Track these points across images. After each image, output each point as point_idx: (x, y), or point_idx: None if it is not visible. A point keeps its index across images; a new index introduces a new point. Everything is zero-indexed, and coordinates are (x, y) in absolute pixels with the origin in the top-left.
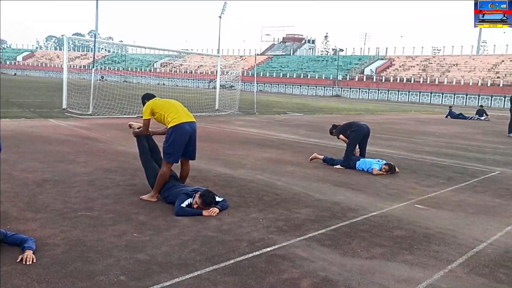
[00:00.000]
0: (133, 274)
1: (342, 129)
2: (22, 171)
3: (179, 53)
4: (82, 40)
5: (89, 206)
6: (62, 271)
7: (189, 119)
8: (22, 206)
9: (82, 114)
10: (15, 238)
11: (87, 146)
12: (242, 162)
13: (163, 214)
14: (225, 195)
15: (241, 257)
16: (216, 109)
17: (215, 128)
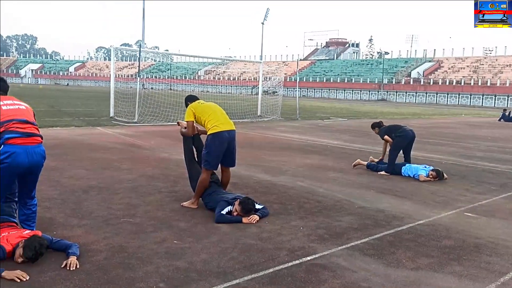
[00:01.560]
0: (172, 281)
1: (388, 130)
2: (70, 178)
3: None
4: (129, 50)
5: (132, 212)
6: (103, 277)
7: (229, 127)
8: (68, 212)
9: (128, 122)
10: (60, 244)
11: (132, 153)
12: (283, 169)
13: (203, 221)
14: (265, 202)
15: (280, 266)
16: (258, 115)
17: (257, 134)
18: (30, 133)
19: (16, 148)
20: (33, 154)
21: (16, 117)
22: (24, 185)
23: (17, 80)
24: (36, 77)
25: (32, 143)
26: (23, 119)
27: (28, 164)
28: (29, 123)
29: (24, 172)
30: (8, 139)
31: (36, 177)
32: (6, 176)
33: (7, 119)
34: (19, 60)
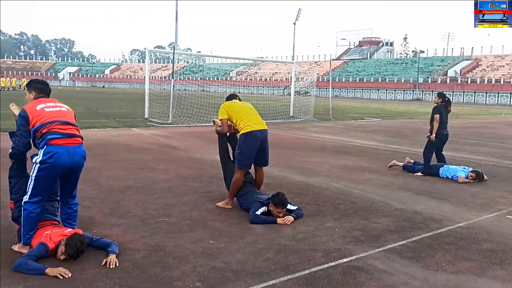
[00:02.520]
0: (209, 281)
1: (440, 112)
2: (108, 178)
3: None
4: (163, 53)
5: (168, 212)
6: (142, 276)
7: (261, 127)
8: (106, 211)
9: (163, 123)
10: (100, 242)
11: (166, 154)
12: (317, 170)
13: (238, 222)
14: (299, 203)
15: (316, 267)
16: (291, 116)
17: (289, 135)
18: (71, 134)
19: (58, 149)
20: (74, 154)
21: (58, 118)
22: (65, 185)
23: (56, 83)
24: (73, 79)
25: (73, 143)
26: (65, 121)
27: (70, 164)
28: (70, 125)
29: (66, 172)
30: (51, 139)
31: (77, 177)
32: (49, 176)
33: (49, 121)
34: (58, 63)
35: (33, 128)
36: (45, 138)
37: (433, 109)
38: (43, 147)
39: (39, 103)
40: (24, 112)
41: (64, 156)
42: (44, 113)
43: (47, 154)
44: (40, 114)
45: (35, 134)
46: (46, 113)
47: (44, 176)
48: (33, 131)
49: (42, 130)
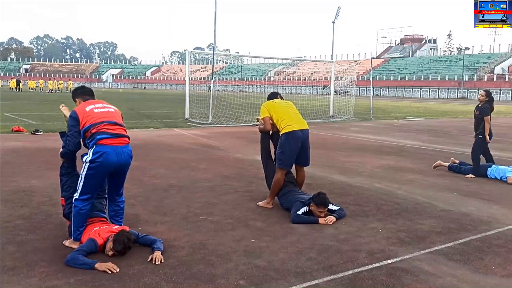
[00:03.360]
0: (252, 279)
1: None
2: (151, 177)
3: (292, 61)
4: (202, 54)
5: (210, 211)
6: (186, 273)
7: (302, 126)
8: (151, 209)
9: (203, 123)
10: (146, 239)
11: (207, 153)
12: (359, 170)
13: (279, 221)
14: (341, 203)
15: (360, 268)
16: (330, 116)
17: (329, 135)
18: (119, 134)
19: (107, 148)
20: (122, 153)
21: (106, 119)
22: (113, 183)
23: (99, 85)
24: (116, 81)
25: (121, 143)
26: (113, 121)
27: (117, 163)
28: (118, 125)
29: (114, 170)
30: (100, 139)
31: (124, 175)
32: (98, 175)
33: (98, 121)
34: (101, 66)
35: (83, 129)
36: (94, 138)
37: (483, 110)
38: (93, 147)
39: (88, 104)
40: (74, 114)
41: (112, 155)
42: (93, 114)
43: (96, 154)
44: (89, 115)
45: (85, 134)
46: (95, 113)
47: (94, 175)
48: (83, 131)
49: (92, 130)
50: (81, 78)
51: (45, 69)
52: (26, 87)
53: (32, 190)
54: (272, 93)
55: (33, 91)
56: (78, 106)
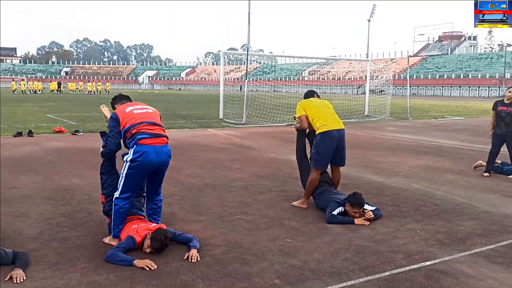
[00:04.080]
0: (287, 278)
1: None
2: (187, 177)
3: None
4: (236, 54)
5: (245, 210)
6: (222, 271)
7: (338, 126)
8: (187, 208)
9: (236, 123)
10: (182, 237)
11: (241, 153)
12: (395, 170)
13: (314, 221)
14: (377, 203)
15: (397, 269)
16: (366, 115)
17: (365, 135)
18: (158, 134)
19: (147, 148)
20: (161, 153)
21: (145, 119)
22: (152, 182)
23: (136, 86)
24: (152, 83)
25: (160, 143)
26: (152, 121)
27: (157, 162)
28: (156, 125)
29: (154, 169)
30: (140, 139)
31: (162, 174)
32: (138, 173)
33: (138, 122)
34: (138, 68)
35: (124, 129)
36: (134, 138)
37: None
38: (133, 147)
39: (128, 106)
40: (115, 115)
41: (152, 154)
42: (133, 115)
43: (136, 153)
44: (129, 116)
45: (125, 134)
46: (135, 114)
47: (134, 174)
48: (124, 132)
49: (132, 131)
50: (118, 80)
51: (84, 72)
52: (66, 89)
53: (73, 189)
54: (308, 91)
55: (73, 93)
56: (118, 108)
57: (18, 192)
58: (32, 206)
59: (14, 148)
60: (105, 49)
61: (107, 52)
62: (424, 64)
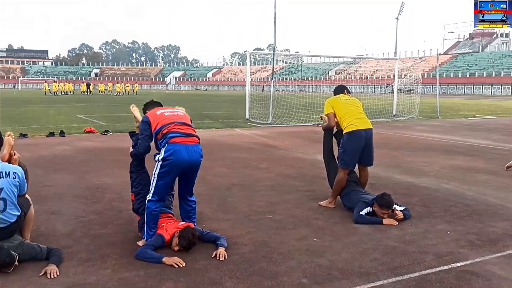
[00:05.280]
0: (315, 278)
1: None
2: (214, 176)
3: (353, 59)
4: (262, 54)
5: (272, 210)
6: (250, 269)
7: (365, 126)
8: (214, 207)
9: (263, 123)
10: (210, 236)
11: (268, 153)
12: (425, 170)
13: (342, 221)
14: (406, 204)
15: (427, 270)
16: (394, 115)
17: (393, 134)
18: (189, 133)
19: (178, 146)
20: (193, 152)
21: (176, 120)
22: (184, 183)
23: (163, 87)
24: (179, 83)
25: (191, 142)
26: (182, 122)
27: (189, 160)
28: (187, 125)
29: (185, 168)
30: (171, 138)
31: (195, 174)
32: (171, 172)
33: (169, 122)
34: (165, 68)
35: (155, 130)
36: (166, 137)
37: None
38: (165, 146)
39: (158, 109)
40: (146, 118)
41: (184, 153)
42: (164, 117)
43: (168, 151)
44: (160, 117)
45: (156, 136)
46: (166, 116)
47: (166, 173)
48: (155, 133)
49: (163, 131)
50: (146, 81)
51: (113, 73)
52: (96, 90)
53: (104, 187)
54: (338, 86)
55: (102, 94)
56: (149, 112)
57: (52, 190)
58: (64, 204)
59: (47, 148)
60: (133, 50)
61: (135, 54)
62: (454, 62)
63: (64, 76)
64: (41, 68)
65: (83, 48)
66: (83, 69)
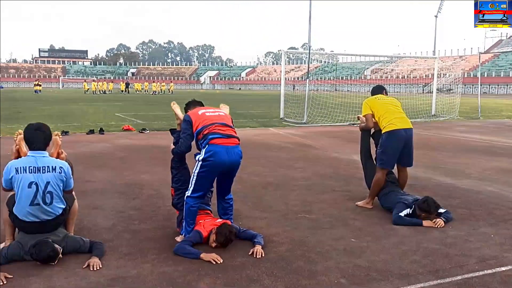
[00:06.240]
0: (353, 278)
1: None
2: (250, 174)
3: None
4: (297, 53)
5: (308, 209)
6: (287, 268)
7: (405, 125)
8: (250, 205)
9: (297, 123)
10: (247, 234)
11: (303, 152)
12: (466, 171)
13: (380, 222)
14: (447, 206)
15: (470, 274)
16: (433, 115)
17: (432, 135)
18: (230, 134)
19: (219, 148)
20: (232, 153)
21: (217, 121)
22: (223, 182)
23: (198, 87)
24: (213, 83)
25: (231, 143)
26: (223, 123)
27: (228, 162)
28: (228, 126)
29: (225, 169)
30: (212, 139)
31: (234, 175)
32: (210, 173)
33: (210, 123)
34: (200, 68)
35: (196, 131)
36: (206, 138)
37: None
38: (205, 146)
39: (200, 109)
40: (188, 117)
41: (223, 154)
42: (205, 117)
43: (208, 152)
44: (201, 117)
45: (197, 136)
46: (207, 116)
47: (206, 173)
48: (196, 134)
49: (204, 132)
50: (181, 80)
51: (149, 72)
52: (132, 89)
53: (142, 184)
54: (376, 87)
55: (139, 93)
56: (191, 111)
57: (93, 186)
58: (105, 199)
59: (87, 145)
60: (169, 50)
61: (171, 53)
62: (496, 62)
63: (102, 75)
64: (81, 67)
65: (120, 48)
66: (121, 69)
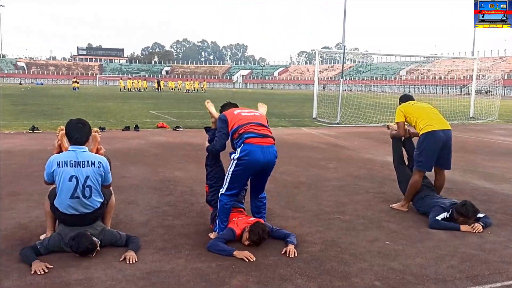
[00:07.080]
0: (388, 281)
1: None
2: (282, 174)
3: (427, 58)
4: (331, 53)
5: (341, 210)
6: (320, 268)
7: (444, 127)
8: (283, 204)
9: (330, 123)
10: (280, 233)
11: (335, 152)
12: (506, 176)
13: (415, 225)
14: (486, 211)
15: (510, 281)
16: (471, 117)
17: (470, 138)
18: (265, 134)
19: (254, 147)
20: (267, 153)
21: (253, 120)
22: (257, 181)
23: (230, 86)
24: (245, 82)
25: (266, 143)
26: (259, 122)
27: (263, 161)
28: (263, 126)
29: (260, 168)
30: (247, 138)
31: (268, 174)
32: (245, 172)
33: (245, 122)
34: (232, 67)
35: (232, 130)
36: (242, 137)
37: None
38: (240, 146)
39: (236, 109)
40: (223, 116)
41: (259, 153)
42: (241, 117)
43: (244, 152)
44: (237, 117)
45: (233, 135)
46: (243, 116)
47: (241, 172)
48: (232, 133)
49: (240, 131)
50: (214, 79)
51: (182, 71)
52: (166, 88)
53: (176, 181)
54: (406, 95)
55: (172, 91)
56: (227, 111)
57: (129, 181)
58: (140, 194)
59: (123, 141)
60: (202, 49)
61: (204, 52)
62: None
63: (137, 73)
64: (117, 65)
65: (155, 46)
66: (155, 67)
